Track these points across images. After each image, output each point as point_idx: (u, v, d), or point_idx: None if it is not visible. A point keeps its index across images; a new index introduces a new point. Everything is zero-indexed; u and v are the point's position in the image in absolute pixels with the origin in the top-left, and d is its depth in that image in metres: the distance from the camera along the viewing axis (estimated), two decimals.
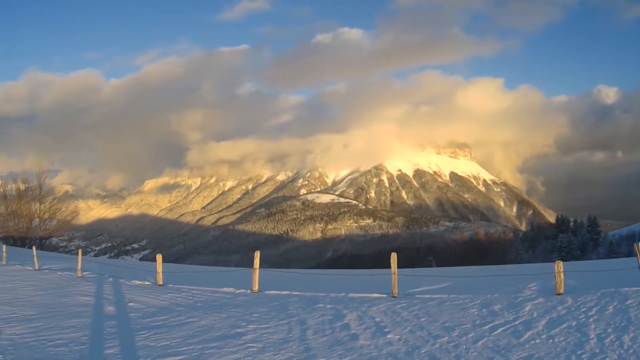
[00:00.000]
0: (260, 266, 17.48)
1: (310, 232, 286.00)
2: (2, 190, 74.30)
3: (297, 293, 16.13)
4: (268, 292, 16.61)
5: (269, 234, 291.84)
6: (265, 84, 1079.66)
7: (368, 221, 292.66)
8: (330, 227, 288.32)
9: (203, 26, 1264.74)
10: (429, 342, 10.24)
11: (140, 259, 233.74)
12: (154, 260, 21.81)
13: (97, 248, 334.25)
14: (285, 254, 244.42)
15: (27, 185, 70.42)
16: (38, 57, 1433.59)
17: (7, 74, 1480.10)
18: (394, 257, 15.40)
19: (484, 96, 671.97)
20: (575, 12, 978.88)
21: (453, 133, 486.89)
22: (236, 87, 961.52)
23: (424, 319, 12.09)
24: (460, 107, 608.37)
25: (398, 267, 15.35)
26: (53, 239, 74.31)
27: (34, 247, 28.50)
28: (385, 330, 11.27)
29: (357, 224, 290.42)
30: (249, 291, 16.82)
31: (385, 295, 15.23)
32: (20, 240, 63.37)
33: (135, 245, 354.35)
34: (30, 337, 11.64)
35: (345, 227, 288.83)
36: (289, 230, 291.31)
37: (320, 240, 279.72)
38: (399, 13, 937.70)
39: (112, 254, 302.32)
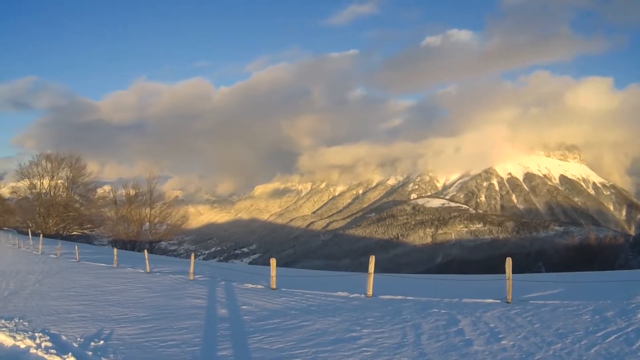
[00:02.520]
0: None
1: (421, 237, 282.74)
2: (112, 195, 77.77)
3: (411, 298, 15.93)
4: (382, 296, 16.43)
5: (379, 238, 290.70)
6: (376, 88, 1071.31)
7: (478, 226, 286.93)
8: (440, 231, 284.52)
9: (312, 32, 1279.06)
10: (543, 349, 10.06)
11: (250, 263, 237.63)
12: (264, 264, 21.96)
13: (207, 252, 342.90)
14: (395, 259, 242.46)
15: (137, 190, 73.30)
16: (146, 67, 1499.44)
17: (116, 83, 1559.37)
18: (509, 262, 15.04)
19: (594, 96, 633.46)
20: None
21: (562, 135, 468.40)
22: (346, 92, 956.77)
23: (537, 325, 11.82)
24: (569, 107, 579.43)
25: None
26: (163, 242, 76.94)
27: (145, 250, 29.36)
28: (500, 336, 11.11)
29: (467, 229, 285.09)
30: (362, 295, 16.69)
31: (499, 301, 14.91)
32: (129, 244, 65.75)
33: (245, 249, 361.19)
34: (141, 337, 12.05)
35: (456, 231, 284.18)
36: (399, 234, 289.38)
37: (430, 245, 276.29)
38: (507, 13, 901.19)
39: (221, 258, 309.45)
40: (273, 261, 19.99)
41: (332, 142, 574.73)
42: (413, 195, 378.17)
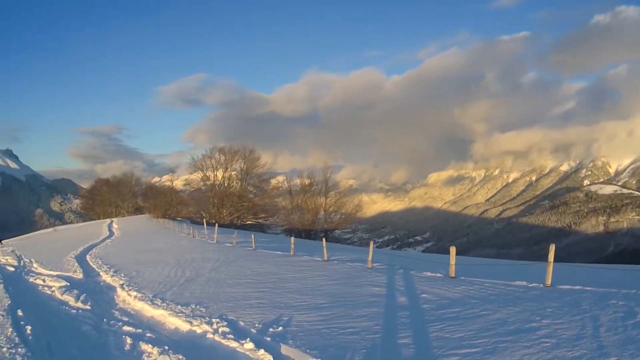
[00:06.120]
0: (542, 260, 16.87)
1: (593, 225, 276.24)
2: (286, 185, 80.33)
3: (589, 288, 15.34)
4: (560, 286, 15.98)
5: (552, 227, 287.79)
6: (547, 70, 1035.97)
7: None
8: (612, 219, 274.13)
9: (481, 15, 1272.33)
10: None
11: (423, 251, 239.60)
12: (437, 252, 21.68)
13: (380, 240, 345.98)
14: (566, 248, 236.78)
15: (311, 180, 75.16)
16: (318, 58, 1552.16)
17: (288, 76, 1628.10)
18: None
19: None
20: None
21: None
22: (519, 76, 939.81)
23: None
24: None
25: None
26: (336, 231, 78.31)
27: (323, 239, 29.91)
28: None
29: (639, 217, 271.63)
30: (541, 285, 16.29)
31: None
32: (304, 232, 67.32)
33: (418, 238, 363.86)
34: (321, 324, 12.32)
35: (627, 220, 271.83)
36: (571, 223, 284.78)
37: (602, 233, 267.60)
38: None
39: (394, 246, 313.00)
40: (453, 249, 19.75)
41: (506, 128, 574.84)
42: (585, 182, 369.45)
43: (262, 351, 10.54)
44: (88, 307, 15.98)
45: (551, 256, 16.52)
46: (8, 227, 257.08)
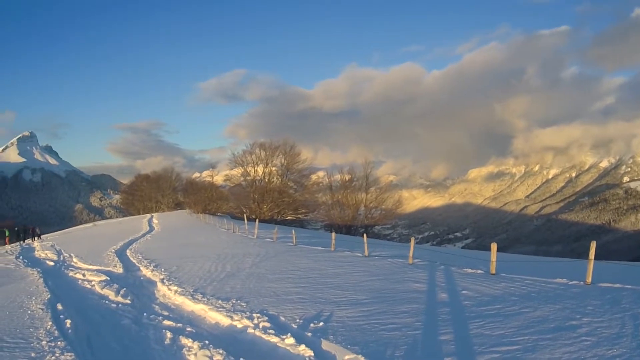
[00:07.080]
0: (581, 258, 16.81)
1: (632, 223, 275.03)
2: (327, 181, 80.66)
3: (629, 286, 15.24)
4: (600, 284, 15.87)
5: (591, 224, 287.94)
6: (587, 65, 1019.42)
7: None
8: None
9: (520, 9, 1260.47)
10: None
11: (462, 248, 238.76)
12: (476, 249, 21.63)
13: (420, 236, 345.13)
14: (605, 246, 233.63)
15: (352, 176, 75.30)
16: (357, 54, 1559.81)
17: (327, 72, 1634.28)
18: None
19: None
20: None
21: None
22: (559, 71, 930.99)
23: None
24: None
25: None
26: (376, 227, 78.27)
27: (364, 235, 29.89)
28: None
29: None
30: (581, 283, 16.17)
31: None
32: (344, 228, 67.39)
33: (458, 234, 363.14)
34: (361, 320, 12.38)
35: None
36: (611, 220, 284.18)
37: None
38: None
39: (434, 242, 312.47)
40: (494, 246, 19.72)
41: (546, 123, 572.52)
42: (625, 178, 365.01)
43: (303, 346, 10.66)
44: (128, 302, 16.31)
45: (592, 254, 16.44)
46: (48, 222, 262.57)
